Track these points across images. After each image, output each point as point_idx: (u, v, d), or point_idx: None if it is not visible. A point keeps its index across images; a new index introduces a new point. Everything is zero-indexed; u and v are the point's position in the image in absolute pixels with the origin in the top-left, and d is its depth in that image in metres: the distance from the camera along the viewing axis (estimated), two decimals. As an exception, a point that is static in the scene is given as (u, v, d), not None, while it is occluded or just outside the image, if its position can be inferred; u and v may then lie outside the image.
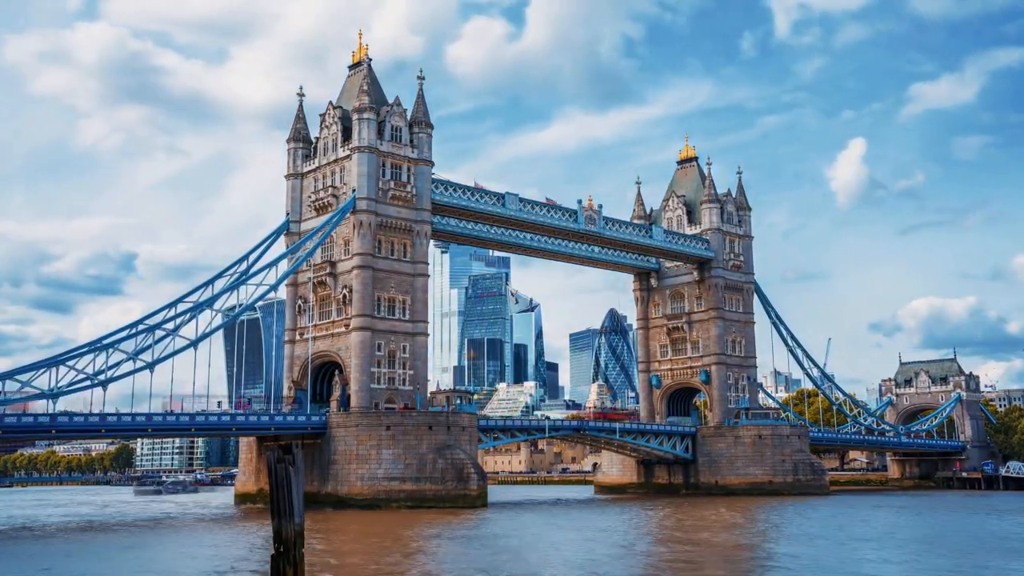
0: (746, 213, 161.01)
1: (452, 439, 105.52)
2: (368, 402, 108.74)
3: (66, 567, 53.43)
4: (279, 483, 29.94)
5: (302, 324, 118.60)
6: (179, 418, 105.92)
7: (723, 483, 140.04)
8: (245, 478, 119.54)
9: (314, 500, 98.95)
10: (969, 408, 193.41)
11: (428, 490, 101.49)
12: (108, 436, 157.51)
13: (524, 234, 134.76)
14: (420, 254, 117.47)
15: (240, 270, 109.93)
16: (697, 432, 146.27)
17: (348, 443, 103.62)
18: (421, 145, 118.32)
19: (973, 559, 55.41)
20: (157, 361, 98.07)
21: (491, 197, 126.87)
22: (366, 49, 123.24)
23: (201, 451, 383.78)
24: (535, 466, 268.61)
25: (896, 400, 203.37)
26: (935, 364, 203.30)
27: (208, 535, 76.56)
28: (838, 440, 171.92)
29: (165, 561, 56.11)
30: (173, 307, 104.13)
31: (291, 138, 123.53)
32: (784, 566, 51.88)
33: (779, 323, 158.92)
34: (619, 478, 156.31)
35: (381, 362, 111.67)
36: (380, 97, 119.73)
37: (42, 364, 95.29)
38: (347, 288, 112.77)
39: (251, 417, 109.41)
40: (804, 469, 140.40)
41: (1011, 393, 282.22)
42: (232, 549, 62.69)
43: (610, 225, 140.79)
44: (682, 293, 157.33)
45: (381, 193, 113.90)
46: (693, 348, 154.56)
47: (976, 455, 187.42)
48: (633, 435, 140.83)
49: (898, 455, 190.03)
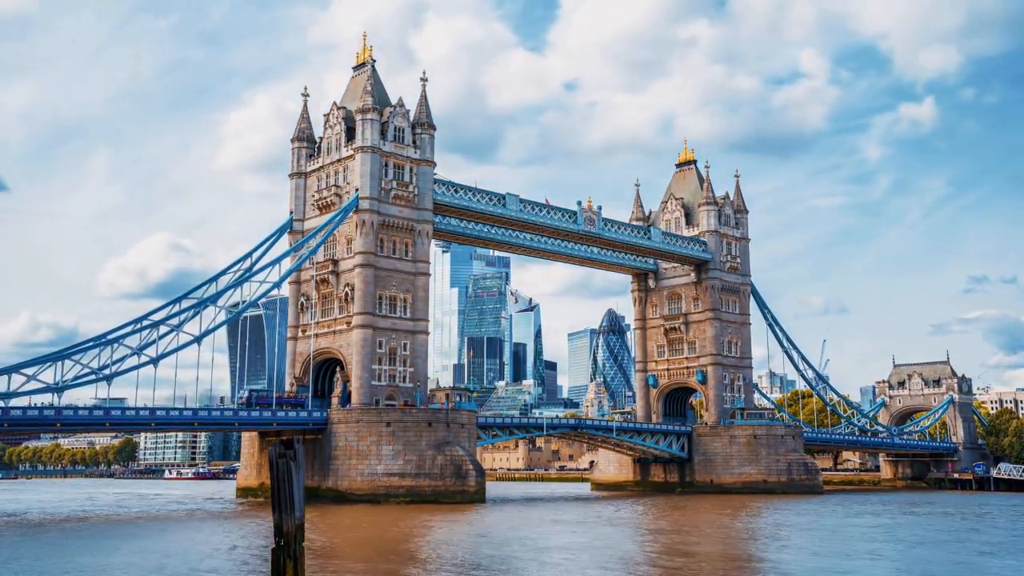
0: (743, 215, 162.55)
1: (451, 436, 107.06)
2: (369, 399, 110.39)
3: (66, 559, 54.36)
4: (280, 477, 29.75)
5: (304, 321, 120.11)
6: (182, 412, 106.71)
7: (718, 482, 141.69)
8: (247, 472, 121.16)
9: (314, 495, 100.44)
10: (961, 410, 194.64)
11: (427, 486, 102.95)
12: (112, 430, 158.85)
13: (524, 234, 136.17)
14: (421, 253, 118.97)
15: (244, 267, 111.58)
16: (693, 431, 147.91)
17: (349, 439, 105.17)
18: (423, 146, 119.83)
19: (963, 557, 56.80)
20: (161, 356, 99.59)
21: (492, 197, 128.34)
22: (370, 50, 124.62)
23: (204, 445, 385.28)
24: (533, 463, 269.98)
25: (889, 402, 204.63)
26: (928, 366, 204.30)
27: (208, 528, 77.87)
28: (832, 441, 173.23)
29: (166, 553, 56.82)
30: (177, 303, 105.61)
31: (295, 137, 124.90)
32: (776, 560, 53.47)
33: (775, 324, 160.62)
34: (616, 476, 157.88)
35: (382, 359, 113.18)
36: (383, 98, 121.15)
37: (47, 358, 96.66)
38: (349, 286, 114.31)
39: (253, 412, 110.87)
40: (798, 469, 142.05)
41: (1003, 396, 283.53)
42: (233, 541, 64.07)
43: (609, 226, 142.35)
44: (679, 294, 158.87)
45: (383, 193, 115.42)
46: (690, 348, 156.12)
47: (968, 457, 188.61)
48: (630, 434, 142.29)
49: (891, 456, 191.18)
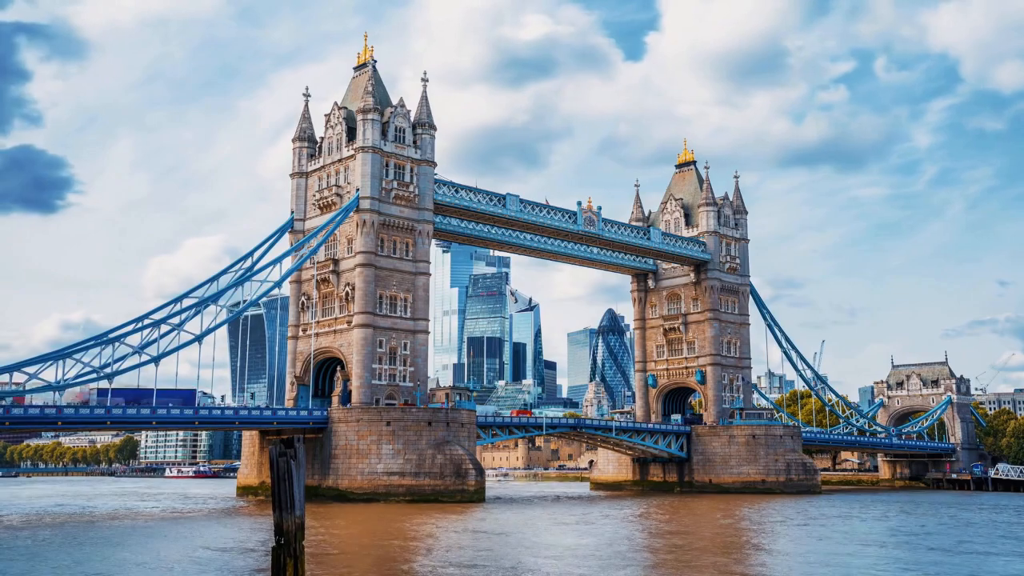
0: (742, 216, 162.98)
1: (451, 435, 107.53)
2: (369, 398, 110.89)
3: (70, 556, 54.88)
4: (281, 476, 30.10)
5: (305, 320, 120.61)
6: (183, 411, 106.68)
7: (717, 481, 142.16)
8: (247, 471, 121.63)
9: (315, 493, 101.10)
10: (959, 411, 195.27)
11: (427, 485, 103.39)
12: (113, 428, 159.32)
13: (524, 234, 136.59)
14: (422, 253, 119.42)
15: (245, 267, 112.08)
16: (692, 431, 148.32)
17: (349, 438, 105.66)
18: (424, 146, 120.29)
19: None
20: (162, 355, 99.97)
21: (492, 198, 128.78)
22: (371, 51, 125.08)
23: (204, 444, 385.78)
24: (532, 462, 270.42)
25: (888, 402, 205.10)
26: (926, 367, 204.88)
27: (209, 527, 78.37)
28: (830, 441, 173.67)
29: (167, 551, 57.22)
30: (178, 302, 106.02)
31: (297, 137, 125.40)
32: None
33: (774, 325, 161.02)
34: (615, 475, 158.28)
35: (382, 358, 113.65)
36: (384, 98, 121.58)
37: (49, 357, 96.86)
38: (350, 285, 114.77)
39: (253, 411, 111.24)
40: (796, 469, 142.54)
41: (1000, 397, 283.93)
42: (233, 540, 64.57)
43: (609, 227, 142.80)
44: (679, 294, 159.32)
45: (384, 193, 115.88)
46: (689, 349, 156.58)
47: (966, 457, 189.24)
48: (629, 433, 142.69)
49: (889, 456, 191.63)
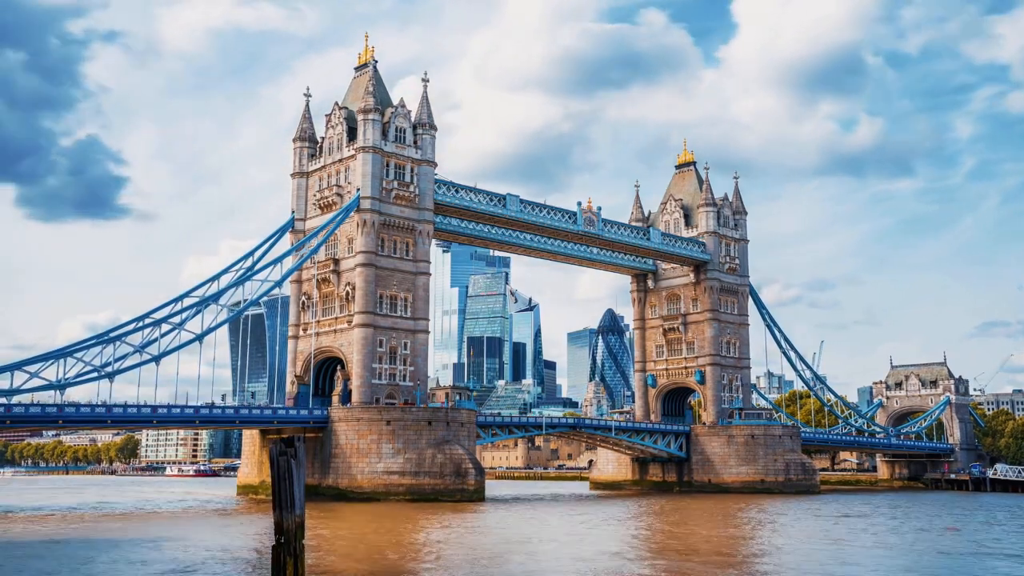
0: (742, 217, 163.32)
1: (451, 434, 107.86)
2: (369, 397, 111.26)
3: (70, 554, 55.14)
4: (281, 475, 30.22)
5: (305, 320, 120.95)
6: (184, 410, 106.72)
7: (716, 481, 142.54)
8: (248, 470, 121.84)
9: (315, 492, 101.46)
10: (958, 411, 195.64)
11: (427, 484, 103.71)
12: (114, 427, 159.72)
13: (524, 234, 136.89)
14: (422, 253, 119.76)
15: (245, 266, 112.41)
16: (691, 431, 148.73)
17: (349, 437, 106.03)
18: (424, 146, 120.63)
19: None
20: (163, 354, 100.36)
21: (492, 198, 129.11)
22: (372, 51, 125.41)
23: (205, 443, 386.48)
24: (532, 462, 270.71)
25: (886, 402, 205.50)
26: (925, 368, 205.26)
27: (209, 526, 78.69)
28: (829, 441, 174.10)
29: (167, 550, 57.39)
30: (179, 301, 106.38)
31: (297, 137, 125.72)
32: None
33: (773, 325, 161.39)
34: (614, 475, 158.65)
35: (382, 358, 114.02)
36: (385, 98, 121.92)
37: (50, 356, 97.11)
38: (350, 285, 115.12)
39: (254, 411, 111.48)
40: (795, 469, 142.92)
41: (999, 397, 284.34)
42: (233, 538, 64.89)
43: (608, 227, 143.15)
44: (678, 295, 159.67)
45: (385, 193, 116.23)
46: (688, 349, 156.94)
47: (964, 457, 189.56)
48: (628, 433, 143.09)
49: (888, 456, 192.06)
